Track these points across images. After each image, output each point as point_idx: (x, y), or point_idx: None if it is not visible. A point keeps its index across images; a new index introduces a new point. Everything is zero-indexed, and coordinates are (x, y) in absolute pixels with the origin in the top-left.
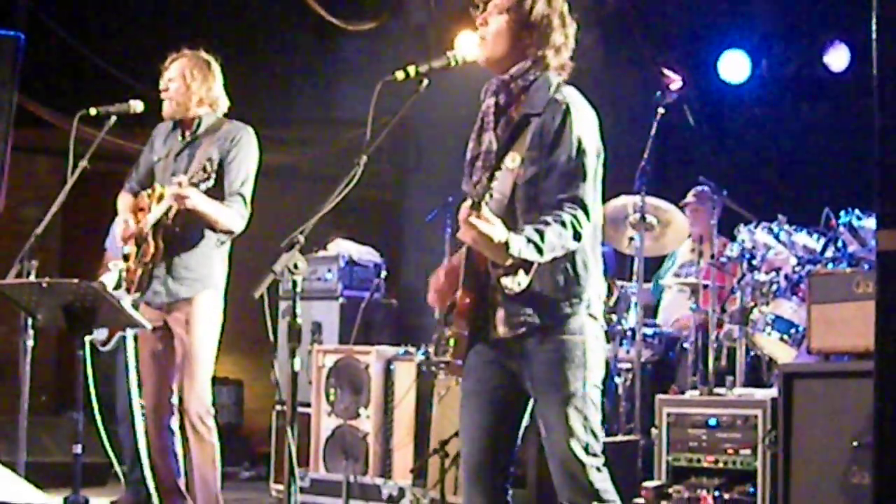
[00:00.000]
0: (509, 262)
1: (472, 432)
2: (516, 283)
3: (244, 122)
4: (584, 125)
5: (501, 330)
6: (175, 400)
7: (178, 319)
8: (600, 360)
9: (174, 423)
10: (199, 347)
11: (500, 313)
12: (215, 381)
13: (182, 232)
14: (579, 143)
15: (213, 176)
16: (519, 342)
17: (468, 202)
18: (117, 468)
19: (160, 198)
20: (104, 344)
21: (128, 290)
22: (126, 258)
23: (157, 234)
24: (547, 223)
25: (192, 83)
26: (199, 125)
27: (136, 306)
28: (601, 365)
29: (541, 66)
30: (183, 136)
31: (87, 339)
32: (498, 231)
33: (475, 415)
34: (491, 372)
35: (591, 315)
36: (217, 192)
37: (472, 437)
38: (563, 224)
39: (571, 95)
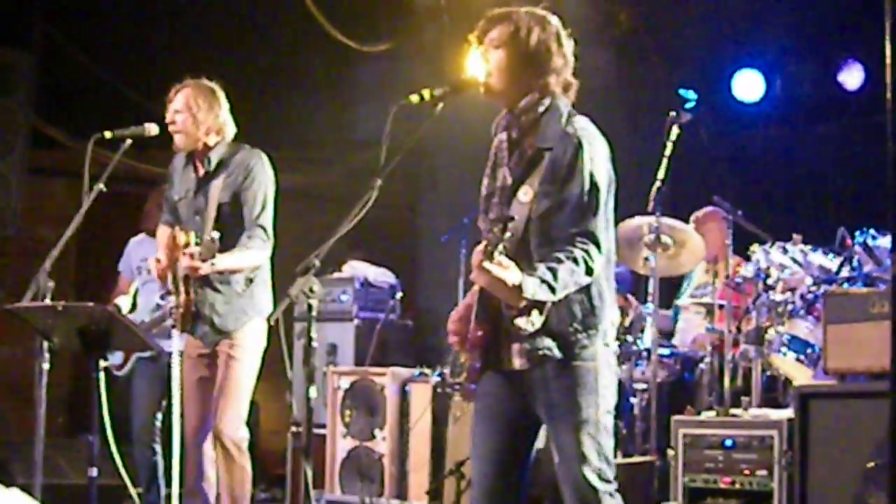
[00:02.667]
0: (523, 303)
1: (484, 455)
2: (530, 323)
3: (260, 144)
4: (597, 158)
5: (517, 362)
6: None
7: (224, 347)
8: (612, 386)
9: (207, 444)
10: (241, 375)
11: (516, 346)
12: None
13: (215, 275)
14: (591, 177)
15: (231, 217)
16: (533, 372)
17: (481, 246)
18: (132, 490)
19: (186, 245)
20: (119, 368)
21: (174, 327)
22: (170, 293)
23: (187, 283)
24: (559, 260)
25: (199, 113)
26: (209, 160)
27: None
28: (613, 391)
29: (546, 93)
30: (196, 170)
31: (103, 364)
32: (512, 275)
33: (487, 438)
34: (503, 396)
35: (605, 343)
36: (236, 223)
37: (484, 460)
38: (576, 261)
39: (583, 127)
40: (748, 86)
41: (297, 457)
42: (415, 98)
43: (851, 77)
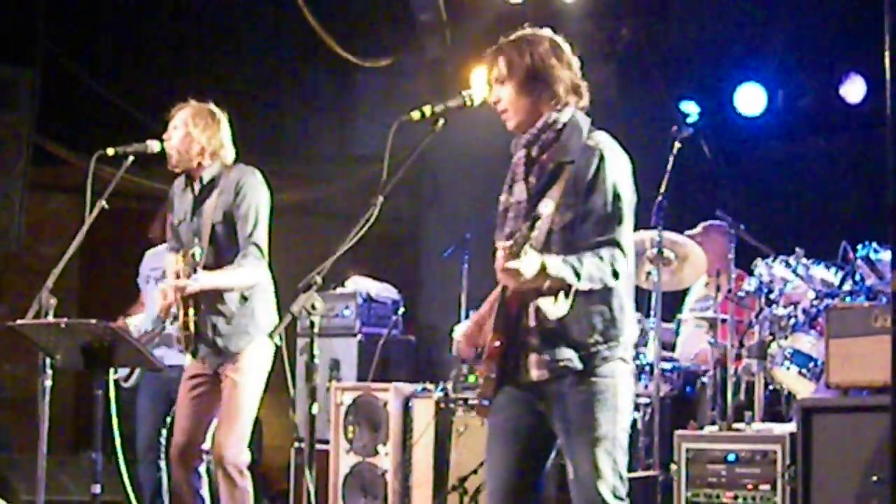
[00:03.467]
0: (547, 283)
1: (499, 470)
2: (556, 307)
3: (261, 159)
4: (619, 170)
5: (535, 373)
6: (206, 446)
7: (228, 368)
8: (629, 404)
9: (202, 467)
10: (245, 399)
11: (533, 357)
12: None
13: (212, 295)
14: (615, 188)
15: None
16: (550, 384)
17: (507, 244)
18: None
19: (179, 268)
20: (126, 380)
21: (181, 350)
22: (177, 318)
23: (186, 305)
24: (585, 255)
25: (194, 131)
26: (202, 178)
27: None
28: (630, 408)
29: (559, 104)
30: (193, 191)
31: (113, 376)
32: (530, 260)
33: (501, 453)
34: (519, 411)
35: (622, 359)
36: (231, 242)
37: (499, 475)
38: (601, 258)
39: (605, 141)
40: (750, 99)
41: (300, 472)
42: (416, 114)
43: (853, 90)
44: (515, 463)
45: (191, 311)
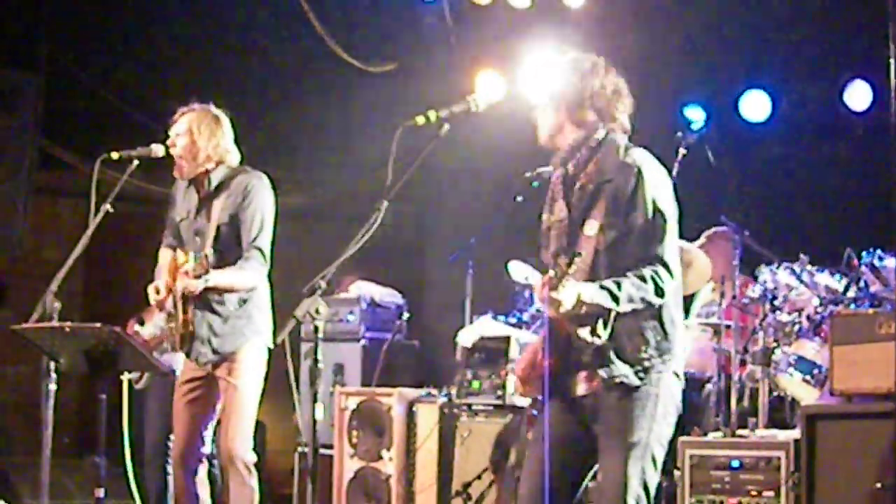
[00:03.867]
0: (584, 309)
1: (537, 474)
2: (594, 335)
3: (265, 164)
4: (657, 186)
5: (582, 388)
6: (206, 449)
7: (225, 369)
8: (671, 417)
9: (202, 470)
10: (245, 396)
11: (584, 374)
12: None
13: (211, 294)
14: (654, 203)
15: (229, 238)
16: (599, 395)
17: (545, 278)
18: None
19: (183, 264)
20: (137, 381)
21: (172, 349)
22: (170, 316)
23: (185, 304)
24: (626, 276)
25: (199, 139)
26: (210, 181)
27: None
28: (670, 421)
29: (592, 127)
30: (198, 192)
31: (126, 377)
32: (568, 291)
33: (541, 457)
34: (566, 421)
35: (675, 372)
36: (235, 244)
37: (537, 481)
38: (643, 278)
39: (641, 157)
40: (755, 106)
41: (303, 477)
42: (420, 119)
43: (858, 96)
44: (553, 469)
45: (189, 310)
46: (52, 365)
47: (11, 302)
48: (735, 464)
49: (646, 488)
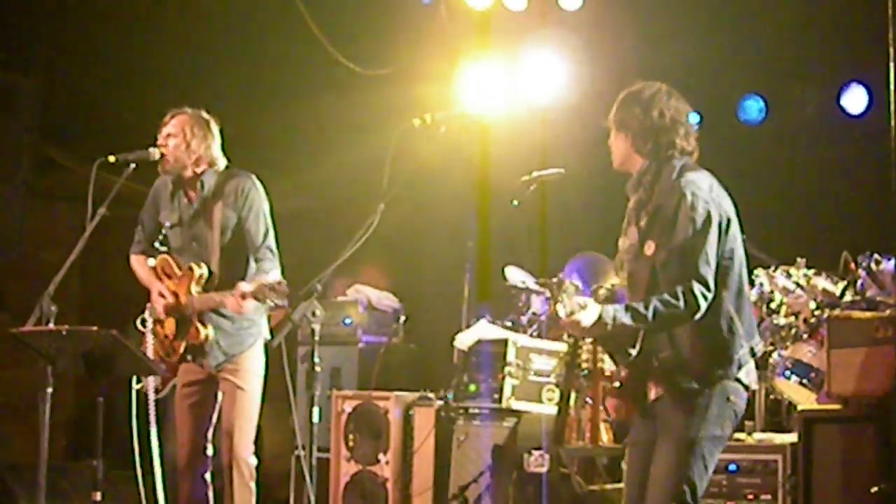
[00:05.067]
0: (609, 329)
1: (629, 479)
2: (626, 353)
3: (262, 167)
4: (698, 205)
5: (652, 394)
6: (210, 451)
7: (230, 370)
8: (725, 421)
9: (207, 474)
10: (250, 397)
11: (652, 383)
12: None
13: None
14: (692, 221)
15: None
16: (664, 399)
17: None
18: None
19: (200, 279)
20: (158, 391)
21: (167, 355)
22: (160, 323)
23: (202, 318)
24: (657, 296)
25: (192, 140)
26: (203, 185)
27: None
28: (724, 425)
29: (655, 156)
30: (189, 198)
31: (136, 387)
32: (587, 313)
33: (630, 462)
34: (644, 425)
35: (737, 378)
36: (240, 249)
37: (630, 482)
38: (674, 295)
39: (688, 179)
40: (752, 110)
41: (300, 480)
42: (417, 122)
43: (854, 100)
44: (638, 474)
45: (205, 332)
46: (49, 368)
47: (8, 305)
48: (732, 467)
49: (691, 485)
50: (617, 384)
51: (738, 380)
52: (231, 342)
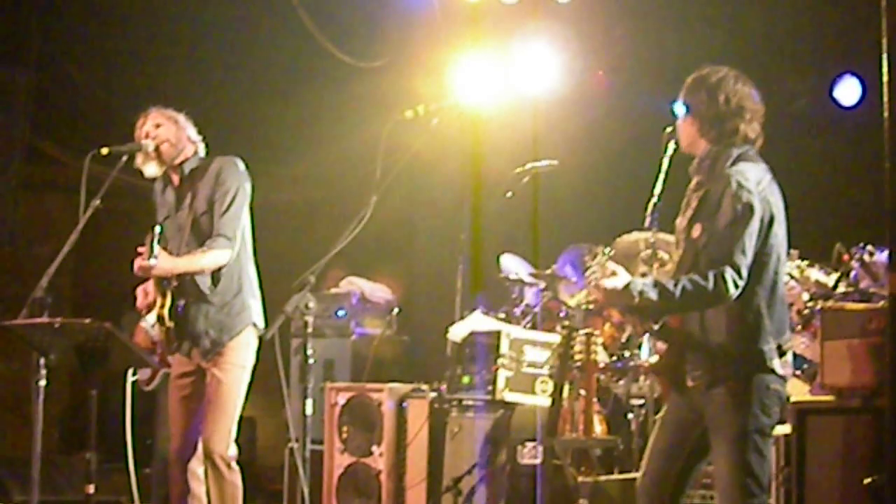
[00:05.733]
0: (636, 300)
1: (652, 452)
2: (644, 326)
3: (255, 160)
4: (742, 194)
5: (689, 382)
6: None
7: (214, 360)
8: (768, 409)
9: (199, 466)
10: (232, 389)
11: (689, 367)
12: None
13: (200, 286)
14: (734, 210)
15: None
16: (704, 390)
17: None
18: None
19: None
20: (147, 384)
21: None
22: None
23: (164, 295)
24: (688, 276)
25: (177, 123)
26: (182, 169)
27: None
28: (769, 412)
29: (718, 142)
30: (174, 187)
31: (131, 378)
32: (616, 279)
33: (657, 437)
34: (680, 408)
35: (767, 367)
36: (208, 229)
37: (651, 457)
38: (705, 277)
39: (738, 169)
40: None
41: (294, 473)
42: (409, 114)
43: (847, 92)
44: (667, 449)
45: (167, 302)
46: (42, 361)
47: (1, 297)
48: None
49: (754, 476)
50: (655, 358)
51: (772, 371)
52: (220, 329)
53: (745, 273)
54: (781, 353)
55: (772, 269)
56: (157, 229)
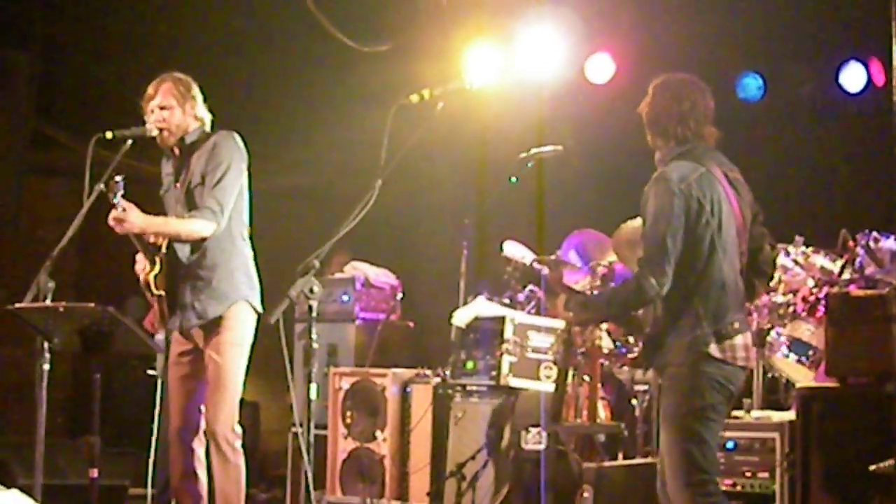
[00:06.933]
0: (579, 318)
1: (660, 451)
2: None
3: (260, 144)
4: (659, 194)
5: (651, 372)
6: (202, 423)
7: (210, 340)
8: (701, 389)
9: (200, 447)
10: (230, 369)
11: (648, 357)
12: None
13: (193, 261)
14: (653, 209)
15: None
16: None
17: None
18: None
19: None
20: (164, 376)
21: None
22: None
23: (154, 260)
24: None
25: (186, 104)
26: (183, 141)
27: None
28: (703, 394)
29: (665, 148)
30: (174, 158)
31: (150, 373)
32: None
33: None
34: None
35: (703, 352)
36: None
37: (660, 454)
38: (628, 280)
39: (667, 168)
40: (750, 87)
41: (297, 457)
42: (415, 98)
43: (853, 78)
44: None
45: (156, 269)
46: (46, 345)
47: (5, 282)
48: (730, 445)
49: (691, 458)
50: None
51: (708, 355)
52: (207, 304)
53: (666, 268)
54: (721, 338)
55: (703, 257)
56: (120, 181)
